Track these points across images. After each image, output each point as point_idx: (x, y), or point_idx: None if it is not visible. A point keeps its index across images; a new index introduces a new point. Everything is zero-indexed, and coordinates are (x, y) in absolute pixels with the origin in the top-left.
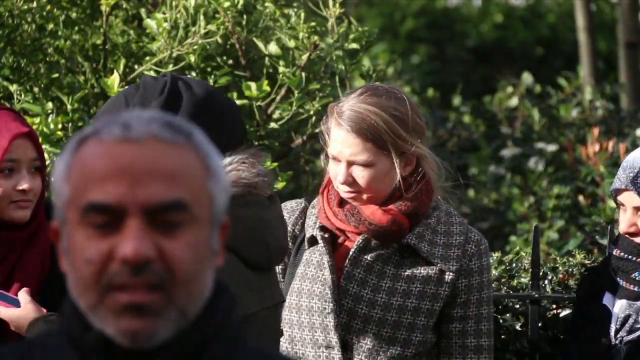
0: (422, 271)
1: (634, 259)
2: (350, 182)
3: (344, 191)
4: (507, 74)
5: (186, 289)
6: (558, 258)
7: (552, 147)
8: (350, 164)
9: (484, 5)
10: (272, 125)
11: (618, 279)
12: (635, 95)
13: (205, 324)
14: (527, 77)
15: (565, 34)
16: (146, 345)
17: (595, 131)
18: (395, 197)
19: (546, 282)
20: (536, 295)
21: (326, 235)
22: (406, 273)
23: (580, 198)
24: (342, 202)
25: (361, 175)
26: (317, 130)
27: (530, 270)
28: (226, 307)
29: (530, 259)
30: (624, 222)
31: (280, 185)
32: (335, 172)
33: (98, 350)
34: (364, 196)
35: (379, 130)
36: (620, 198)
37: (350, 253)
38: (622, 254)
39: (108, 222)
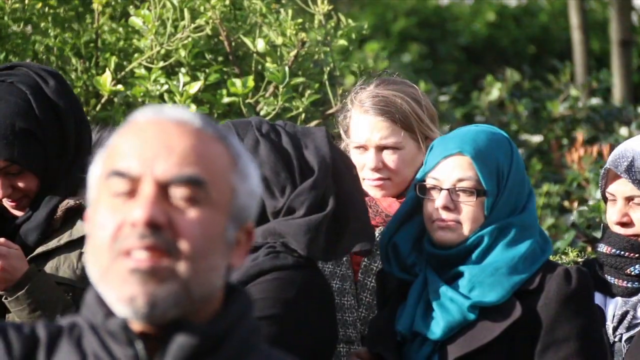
0: None
1: (625, 254)
2: (380, 167)
3: (373, 179)
4: (499, 73)
5: (192, 264)
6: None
7: (537, 138)
8: (379, 149)
9: (476, 3)
10: None
11: (608, 276)
12: (628, 93)
13: (219, 323)
14: (513, 74)
15: (558, 33)
16: (145, 312)
17: (580, 136)
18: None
19: None
20: None
21: None
22: None
23: (566, 203)
24: None
25: (391, 159)
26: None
27: None
28: (240, 309)
29: None
30: (616, 213)
31: None
32: (362, 161)
33: (119, 336)
34: (393, 182)
35: (406, 113)
36: (611, 189)
37: None
38: (612, 250)
39: (127, 191)
